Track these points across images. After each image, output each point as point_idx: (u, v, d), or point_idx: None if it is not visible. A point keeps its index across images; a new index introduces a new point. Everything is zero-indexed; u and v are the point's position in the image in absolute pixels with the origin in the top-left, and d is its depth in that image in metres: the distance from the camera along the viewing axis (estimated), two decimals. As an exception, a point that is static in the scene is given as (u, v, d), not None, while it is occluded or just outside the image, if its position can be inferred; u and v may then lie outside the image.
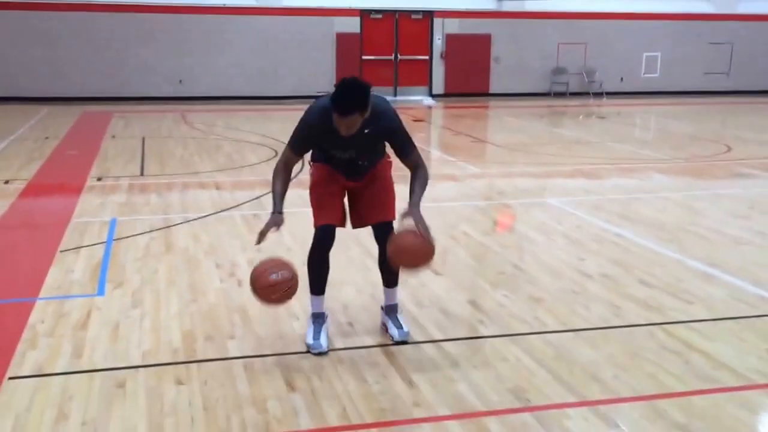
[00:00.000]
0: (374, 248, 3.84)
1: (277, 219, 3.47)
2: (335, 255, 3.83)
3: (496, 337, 3.85)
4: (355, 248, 5.10)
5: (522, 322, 4.05)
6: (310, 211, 3.75)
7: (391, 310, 3.87)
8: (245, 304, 4.24)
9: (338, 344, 3.73)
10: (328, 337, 3.70)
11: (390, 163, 3.79)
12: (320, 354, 3.58)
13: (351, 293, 4.43)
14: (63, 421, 2.95)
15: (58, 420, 2.96)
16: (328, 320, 3.85)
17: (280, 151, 3.71)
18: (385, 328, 3.85)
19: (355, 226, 3.84)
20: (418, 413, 3.07)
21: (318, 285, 3.76)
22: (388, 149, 3.68)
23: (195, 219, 6.20)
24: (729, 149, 10.50)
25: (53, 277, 4.66)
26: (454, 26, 18.58)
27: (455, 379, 3.36)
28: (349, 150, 3.56)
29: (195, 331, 3.86)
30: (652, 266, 5.06)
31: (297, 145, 3.57)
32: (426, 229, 3.41)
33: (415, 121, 13.85)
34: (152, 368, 3.43)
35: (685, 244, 5.61)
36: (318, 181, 3.69)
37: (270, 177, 3.64)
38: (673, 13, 19.64)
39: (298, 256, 4.62)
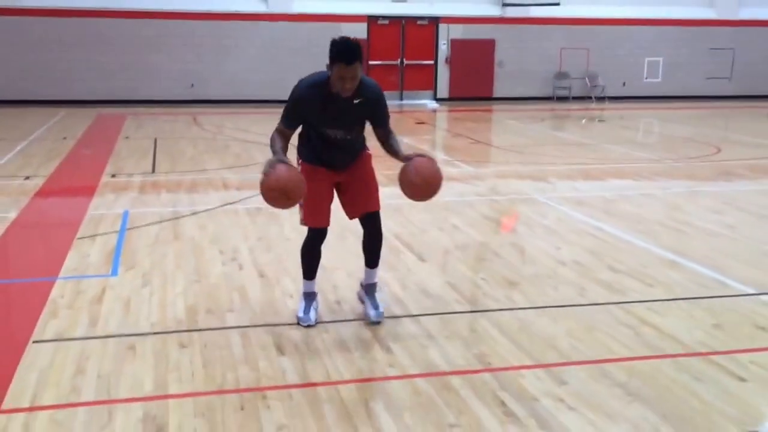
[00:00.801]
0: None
1: (278, 157, 3.62)
2: (331, 243, 4.27)
3: (469, 313, 4.27)
4: (350, 237, 5.50)
5: (494, 301, 4.46)
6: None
7: (370, 289, 4.17)
8: (244, 284, 4.69)
9: (326, 318, 4.16)
10: (317, 314, 4.09)
11: (370, 155, 4.07)
12: (309, 326, 3.98)
13: (342, 277, 4.85)
14: (81, 375, 3.40)
15: (76, 374, 3.41)
16: (319, 299, 4.22)
17: (288, 153, 4.10)
18: (361, 302, 4.23)
19: (351, 216, 4.11)
20: (391, 372, 3.49)
21: (310, 272, 4.13)
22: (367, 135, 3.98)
23: (202, 211, 6.66)
24: (719, 151, 10.86)
25: (71, 261, 5.13)
26: (458, 32, 19.02)
27: (427, 347, 3.78)
28: (339, 124, 3.77)
29: (197, 306, 4.30)
30: (622, 254, 5.46)
31: (289, 118, 3.81)
32: (429, 159, 3.80)
33: (418, 123, 14.30)
34: (159, 335, 3.87)
35: (658, 236, 6.00)
36: (307, 179, 3.74)
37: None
38: (675, 19, 19.98)
39: (296, 243, 5.04)
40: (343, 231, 5.20)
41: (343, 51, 3.52)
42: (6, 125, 13.04)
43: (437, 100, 18.93)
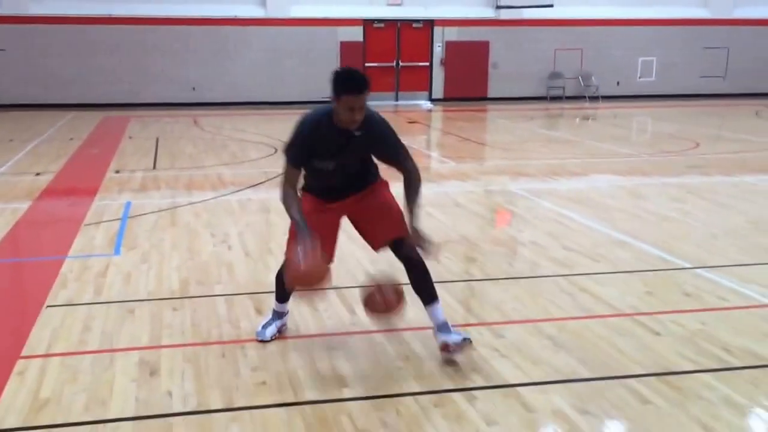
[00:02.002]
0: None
1: (314, 242, 3.38)
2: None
3: (429, 283, 4.80)
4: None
5: (453, 274, 5.00)
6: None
7: (443, 329, 3.67)
8: (232, 261, 5.25)
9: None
10: (278, 330, 3.91)
11: (386, 183, 3.80)
12: (262, 341, 3.82)
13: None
14: (87, 331, 3.97)
15: (83, 331, 3.97)
16: (286, 318, 3.99)
17: (279, 148, 4.59)
18: (446, 350, 3.62)
19: (376, 247, 3.80)
20: (353, 329, 4.04)
21: (283, 296, 3.91)
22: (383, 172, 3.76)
23: (198, 202, 7.23)
24: (697, 146, 11.35)
25: (79, 243, 5.71)
26: (453, 34, 19.56)
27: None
28: (339, 158, 3.54)
29: (189, 279, 4.86)
30: (579, 237, 5.99)
31: (294, 157, 3.56)
32: (431, 245, 3.55)
33: (410, 122, 14.86)
34: (154, 301, 4.44)
35: (616, 221, 6.52)
36: (309, 211, 3.57)
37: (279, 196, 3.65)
38: (669, 19, 20.45)
39: (281, 227, 5.57)
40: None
41: (351, 80, 3.36)
42: (16, 128, 13.65)
43: (432, 100, 19.50)
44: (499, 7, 19.58)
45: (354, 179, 3.69)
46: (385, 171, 3.76)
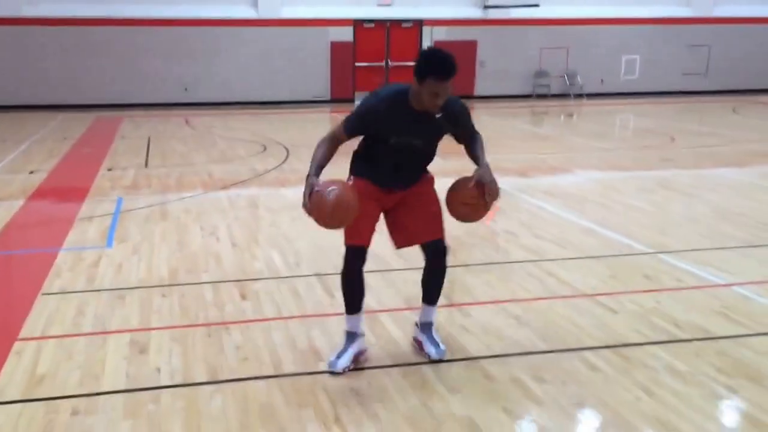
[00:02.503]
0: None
1: (311, 181, 3.28)
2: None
3: (403, 270, 5.07)
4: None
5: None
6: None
7: (426, 328, 3.74)
8: (219, 252, 5.51)
9: (284, 274, 4.97)
10: (353, 360, 3.57)
11: (432, 179, 3.71)
12: (333, 373, 3.49)
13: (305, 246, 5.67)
14: (80, 315, 4.23)
15: (77, 315, 4.24)
16: (361, 341, 3.65)
17: (269, 146, 4.83)
18: (419, 346, 3.74)
19: (400, 245, 3.66)
20: (330, 311, 4.30)
21: (352, 304, 3.62)
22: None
23: (188, 197, 7.49)
24: (673, 140, 11.67)
25: (72, 236, 5.97)
26: (441, 33, 19.84)
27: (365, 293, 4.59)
28: (415, 137, 3.42)
29: (178, 268, 5.13)
30: (548, 226, 6.28)
31: (352, 126, 3.42)
32: (494, 184, 3.46)
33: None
34: (145, 288, 4.70)
35: (585, 211, 6.82)
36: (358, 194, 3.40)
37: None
38: (652, 18, 20.78)
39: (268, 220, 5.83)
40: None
41: (440, 64, 3.16)
42: (9, 128, 13.87)
43: (421, 99, 19.75)
44: (486, 7, 19.87)
45: (414, 168, 3.59)
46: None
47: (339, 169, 3.67)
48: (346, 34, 19.37)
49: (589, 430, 3.12)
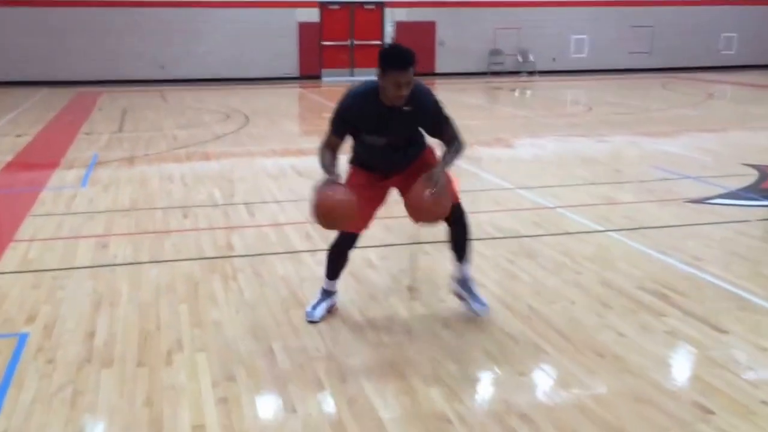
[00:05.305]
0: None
1: (332, 178, 3.51)
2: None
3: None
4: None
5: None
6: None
7: (466, 283, 4.00)
8: (172, 191, 6.94)
9: (220, 202, 6.38)
10: (327, 311, 3.97)
11: (431, 149, 3.86)
12: (311, 322, 3.88)
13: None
14: (59, 229, 5.67)
15: (57, 227, 5.67)
16: (335, 298, 4.05)
17: (231, 114, 6.09)
18: (460, 299, 4.02)
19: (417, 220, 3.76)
20: (249, 223, 5.73)
21: (333, 273, 3.98)
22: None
23: (153, 153, 8.89)
24: (590, 109, 13.15)
25: (53, 180, 7.41)
26: (402, 15, 21.20)
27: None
28: (386, 133, 3.59)
29: (139, 200, 6.58)
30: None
31: (336, 127, 3.64)
32: (442, 187, 3.52)
33: (355, 95, 16.51)
34: (110, 212, 6.15)
35: (484, 161, 8.26)
36: (354, 183, 3.69)
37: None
38: (600, 0, 22.23)
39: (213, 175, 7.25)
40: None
41: (397, 56, 3.41)
42: (-3, 102, 15.17)
43: (383, 76, 21.11)
44: (444, -11, 21.25)
45: (402, 153, 3.73)
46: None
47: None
48: (313, 15, 20.67)
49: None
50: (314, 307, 3.95)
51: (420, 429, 2.92)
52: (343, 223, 3.58)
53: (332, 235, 3.90)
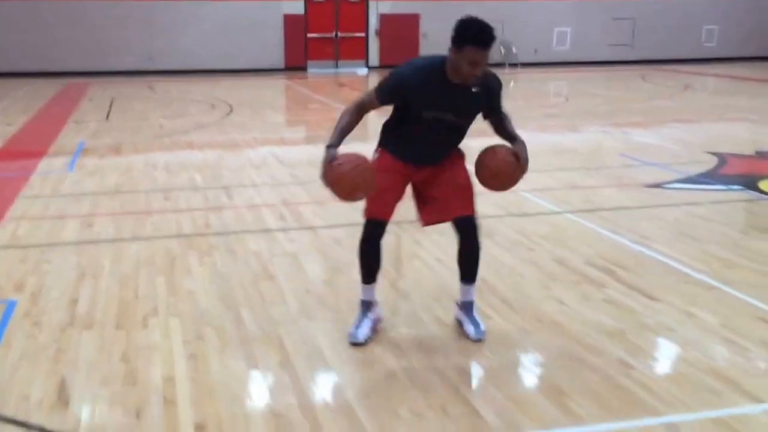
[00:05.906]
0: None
1: (330, 153, 3.24)
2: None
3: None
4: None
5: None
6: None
7: (467, 307, 3.72)
8: (157, 176, 7.25)
9: (200, 186, 6.70)
10: (372, 329, 3.65)
11: (464, 155, 3.64)
12: (355, 344, 3.56)
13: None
14: (47, 209, 5.98)
15: (45, 207, 5.98)
16: (377, 310, 3.71)
17: (216, 104, 6.40)
18: (459, 324, 3.76)
19: (427, 222, 3.63)
20: (228, 205, 6.05)
21: (369, 275, 3.64)
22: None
23: (138, 141, 9.19)
24: (567, 100, 13.50)
25: (42, 166, 7.71)
26: (387, 7, 21.45)
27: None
28: (450, 110, 3.35)
29: (123, 185, 6.89)
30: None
31: (384, 93, 3.36)
32: (526, 159, 3.46)
33: (339, 86, 16.86)
34: (95, 195, 6.47)
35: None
36: (380, 169, 3.39)
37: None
38: (583, -7, 22.60)
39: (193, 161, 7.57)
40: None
41: (479, 32, 3.14)
42: (-13, 92, 15.39)
43: (369, 67, 21.45)
44: (428, -18, 21.52)
45: (444, 146, 3.52)
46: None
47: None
48: (298, 8, 20.90)
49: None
50: (357, 327, 3.60)
51: (370, 380, 3.27)
52: (359, 191, 3.25)
53: (309, 216, 4.23)
